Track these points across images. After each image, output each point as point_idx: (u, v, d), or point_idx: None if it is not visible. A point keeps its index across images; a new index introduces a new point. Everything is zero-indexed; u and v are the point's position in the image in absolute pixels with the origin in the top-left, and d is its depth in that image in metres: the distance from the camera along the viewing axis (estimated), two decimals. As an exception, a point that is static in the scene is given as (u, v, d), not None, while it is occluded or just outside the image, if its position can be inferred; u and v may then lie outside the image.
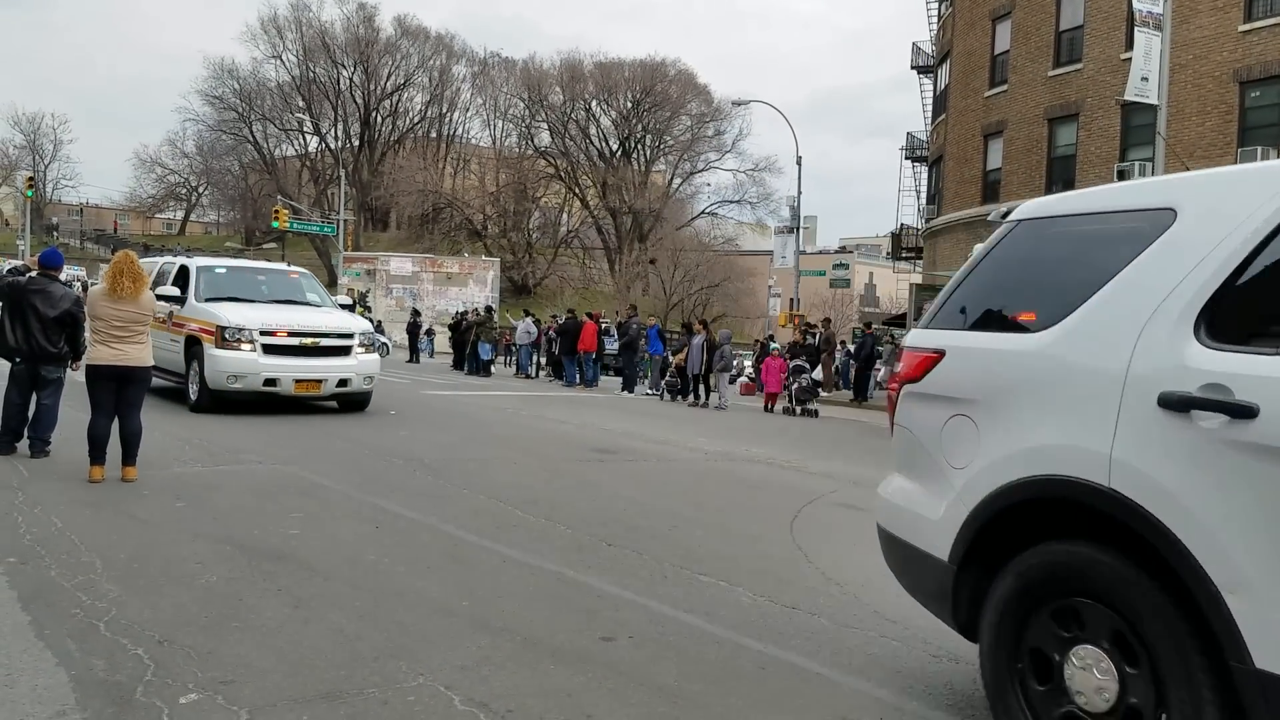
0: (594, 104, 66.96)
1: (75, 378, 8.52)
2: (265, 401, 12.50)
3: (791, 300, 34.33)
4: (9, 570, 4.92)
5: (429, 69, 70.47)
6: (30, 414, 8.42)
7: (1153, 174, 18.42)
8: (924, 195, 37.79)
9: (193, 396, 12.28)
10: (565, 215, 69.55)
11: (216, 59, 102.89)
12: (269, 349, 12.02)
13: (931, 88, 37.11)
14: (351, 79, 69.22)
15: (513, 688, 3.65)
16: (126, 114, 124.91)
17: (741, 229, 67.44)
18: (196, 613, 4.39)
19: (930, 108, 37.09)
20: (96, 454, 7.42)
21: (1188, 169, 20.50)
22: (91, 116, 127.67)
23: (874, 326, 29.43)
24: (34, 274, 8.53)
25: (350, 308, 14.35)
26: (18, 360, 8.34)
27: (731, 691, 3.73)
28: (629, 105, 66.25)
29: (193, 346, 12.32)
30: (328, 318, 13.09)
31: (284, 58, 68.42)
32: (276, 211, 46.71)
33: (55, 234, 75.89)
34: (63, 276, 8.81)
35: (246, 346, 11.89)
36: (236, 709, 3.35)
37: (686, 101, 66.45)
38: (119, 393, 7.53)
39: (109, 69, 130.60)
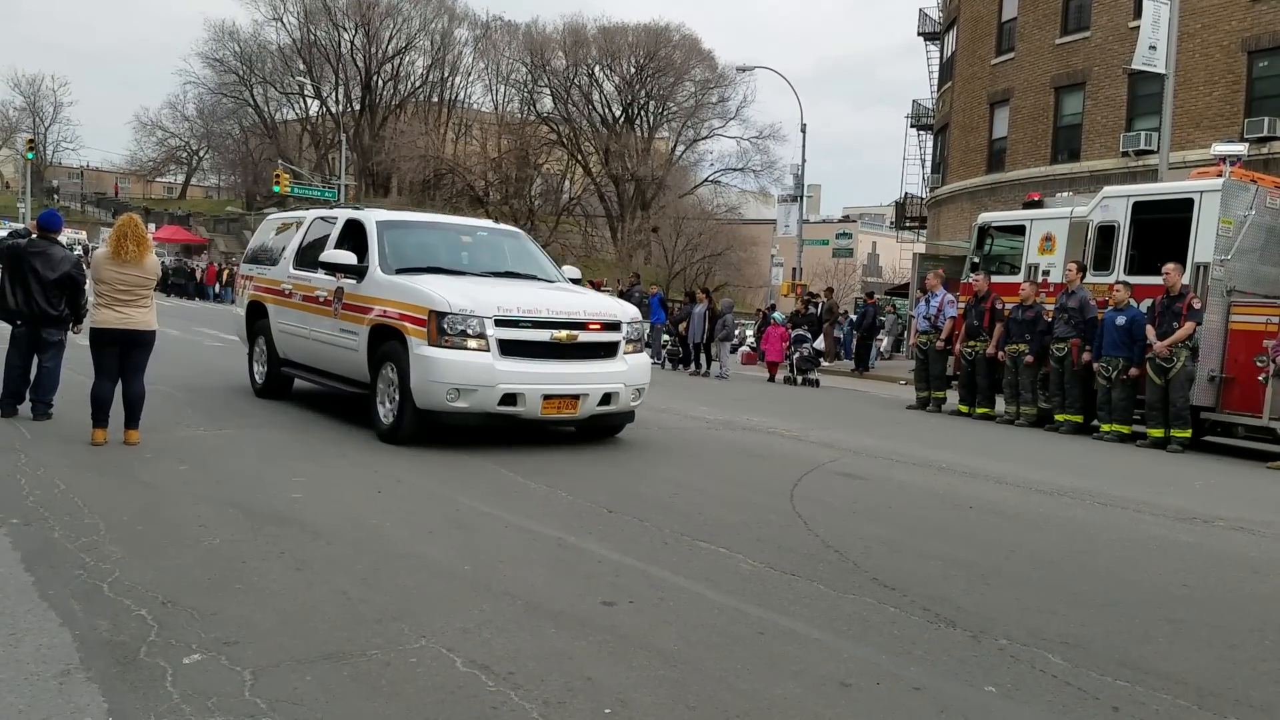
0: (597, 69, 66.36)
1: (76, 341, 8.52)
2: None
3: (794, 270, 34.24)
4: (13, 532, 4.95)
5: (430, 32, 69.78)
6: (32, 377, 8.43)
7: (1159, 144, 18.31)
8: (929, 164, 37.57)
9: (384, 418, 8.20)
10: (568, 182, 69.18)
11: (217, 21, 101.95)
12: (507, 347, 7.87)
13: (938, 55, 36.78)
14: (353, 42, 68.59)
15: (514, 650, 3.68)
16: (127, 76, 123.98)
17: (745, 197, 67.09)
18: (200, 575, 4.42)
19: (936, 75, 36.78)
20: (99, 417, 7.44)
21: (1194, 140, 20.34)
22: (92, 78, 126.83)
23: (876, 296, 29.35)
24: (34, 236, 8.51)
25: (577, 282, 9.91)
26: (18, 323, 8.33)
27: (731, 656, 3.76)
28: (632, 71, 65.69)
29: (383, 342, 8.31)
30: (580, 299, 9.02)
31: (285, 20, 67.77)
32: (277, 176, 46.46)
33: (56, 197, 75.54)
34: (62, 239, 8.79)
35: (475, 343, 7.75)
36: (240, 669, 3.38)
37: (690, 67, 65.85)
38: (122, 356, 7.53)
39: (109, 30, 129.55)
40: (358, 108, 70.18)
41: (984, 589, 4.88)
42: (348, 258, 8.74)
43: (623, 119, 66.87)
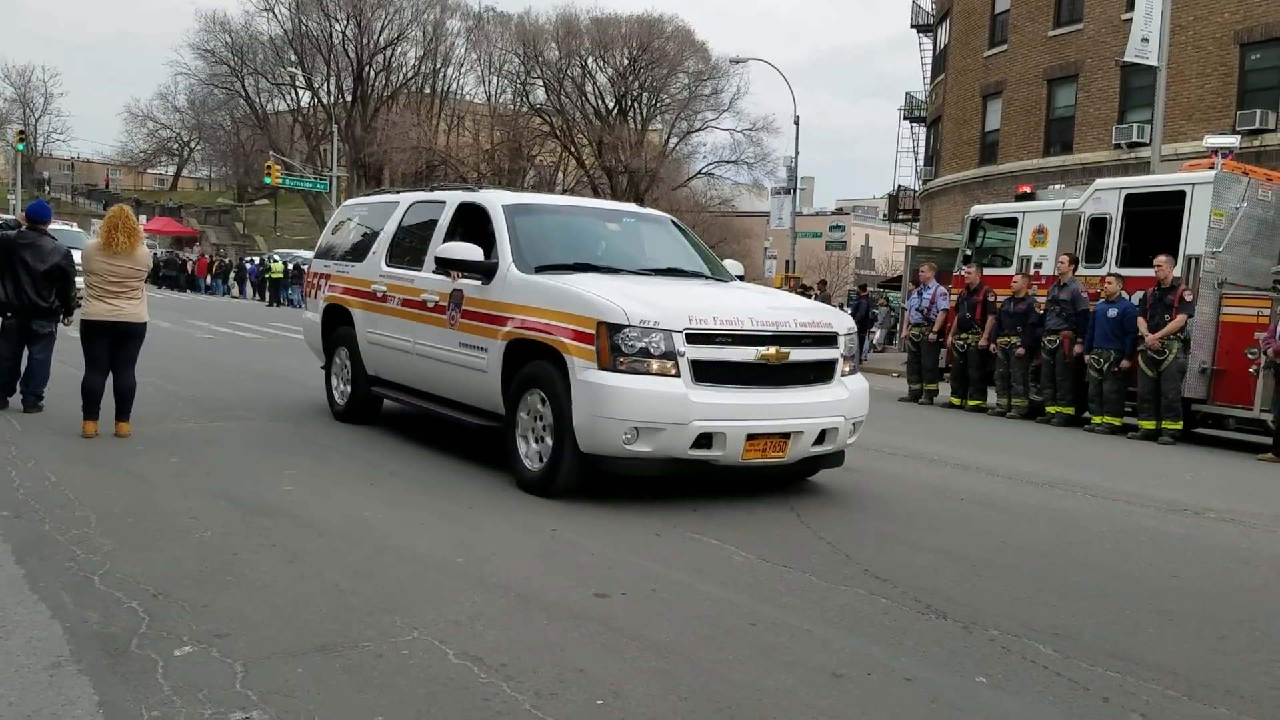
0: (590, 61, 66.18)
1: (67, 333, 8.49)
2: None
3: (787, 262, 34.24)
4: (2, 524, 4.93)
5: (422, 23, 69.48)
6: (22, 369, 8.40)
7: (1151, 136, 18.34)
8: (922, 156, 37.59)
9: (528, 462, 6.36)
10: (561, 174, 69.04)
11: (208, 11, 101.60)
12: (703, 370, 5.95)
13: (931, 47, 36.76)
14: (344, 33, 68.26)
15: (506, 642, 3.68)
16: (118, 67, 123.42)
17: (738, 190, 67.01)
18: (191, 567, 4.41)
19: (929, 67, 36.77)
20: (90, 409, 7.41)
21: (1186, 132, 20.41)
22: (82, 69, 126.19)
23: (869, 289, 29.38)
24: (23, 228, 8.47)
25: (742, 277, 8.01)
26: (8, 315, 8.30)
27: (723, 647, 3.77)
28: (625, 62, 65.52)
29: (525, 362, 6.45)
30: (789, 303, 7.32)
31: (276, 10, 67.35)
32: (269, 167, 46.30)
33: (47, 188, 75.17)
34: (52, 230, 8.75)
35: (661, 365, 5.86)
36: (231, 661, 3.38)
37: (684, 59, 65.70)
38: (113, 348, 7.51)
39: (100, 21, 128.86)
40: (349, 99, 69.91)
41: (975, 580, 4.90)
42: (472, 252, 6.79)
43: (616, 111, 66.73)
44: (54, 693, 3.10)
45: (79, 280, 7.85)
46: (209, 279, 43.52)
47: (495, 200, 7.46)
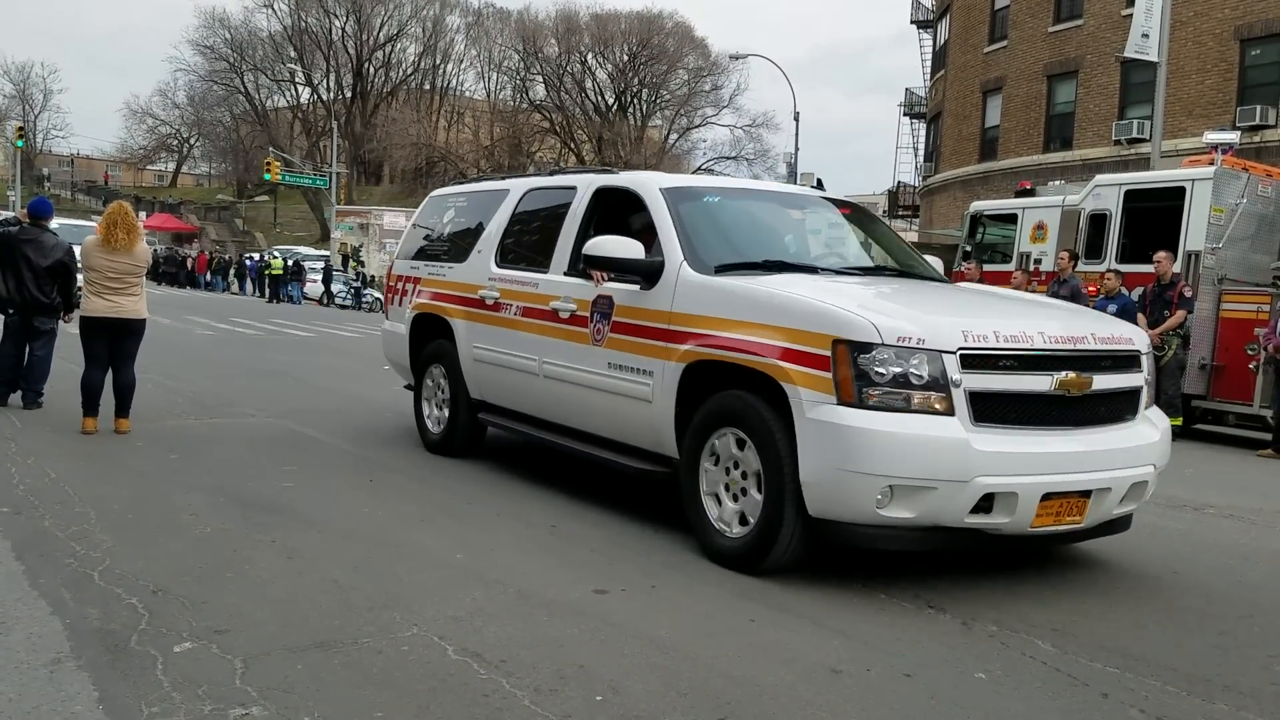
0: (590, 57, 66.16)
1: (67, 329, 8.48)
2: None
3: (787, 257, 34.18)
4: (2, 520, 4.94)
5: (422, 19, 69.46)
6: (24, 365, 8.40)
7: (1151, 132, 18.32)
8: (921, 152, 37.56)
9: (720, 524, 4.91)
10: (560, 170, 69.03)
11: (207, 8, 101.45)
12: (984, 406, 4.42)
13: (931, 43, 36.74)
14: (344, 29, 68.23)
15: (506, 638, 3.69)
16: (117, 64, 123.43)
17: (738, 186, 66.99)
18: (191, 563, 4.41)
19: (930, 63, 36.74)
20: (89, 405, 7.41)
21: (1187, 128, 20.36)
22: (82, 66, 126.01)
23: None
24: (25, 224, 8.47)
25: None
26: (10, 311, 8.30)
27: (723, 643, 3.77)
28: (625, 58, 65.49)
29: (710, 391, 5.02)
30: (1063, 312, 5.62)
31: (275, 6, 67.32)
32: (268, 163, 46.32)
33: (47, 185, 75.14)
34: (53, 225, 8.76)
35: (926, 399, 4.34)
36: (230, 657, 3.38)
37: (684, 55, 65.69)
38: (113, 345, 7.51)
39: (99, 17, 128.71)
40: (349, 95, 69.88)
41: (974, 576, 4.90)
42: (631, 249, 5.38)
43: (616, 107, 66.70)
44: (54, 689, 3.10)
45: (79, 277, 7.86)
46: (209, 275, 43.54)
47: (650, 183, 6.01)
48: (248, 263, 42.19)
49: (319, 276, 37.38)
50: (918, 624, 4.13)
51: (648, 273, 5.41)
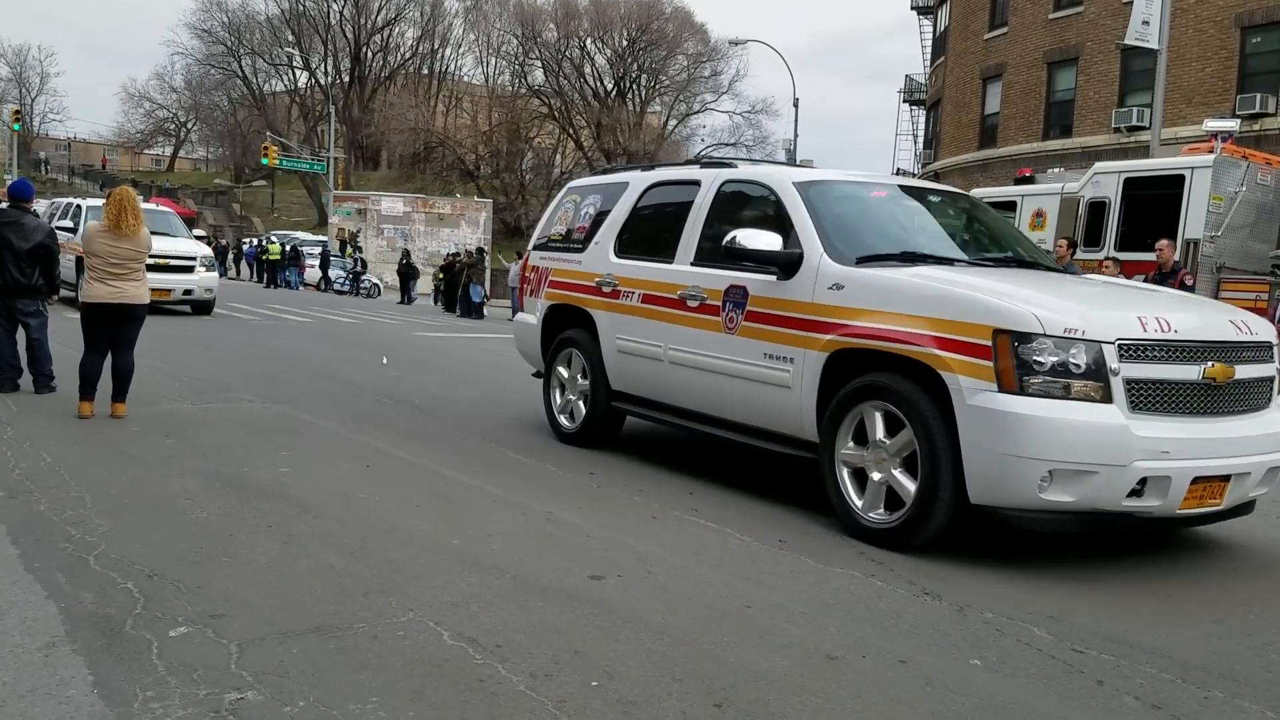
0: (589, 42, 65.90)
1: (65, 313, 8.45)
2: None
3: (785, 244, 34.14)
4: (-2, 504, 4.93)
5: (420, 3, 69.16)
6: (24, 352, 8.35)
7: (1151, 120, 18.28)
8: (921, 140, 37.47)
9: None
10: (559, 156, 68.82)
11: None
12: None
13: (931, 29, 36.62)
14: (341, 12, 67.94)
15: (501, 624, 3.68)
16: (114, 47, 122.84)
17: (736, 172, 66.86)
18: (186, 548, 4.41)
19: (930, 50, 36.63)
20: (87, 390, 7.40)
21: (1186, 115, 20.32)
22: (79, 49, 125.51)
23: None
24: (4, 206, 8.40)
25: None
26: None
27: (718, 629, 3.77)
28: (624, 44, 65.24)
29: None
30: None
31: (273, -11, 67.12)
32: (266, 148, 46.17)
33: (45, 168, 74.95)
34: (44, 210, 8.71)
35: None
36: (226, 642, 3.38)
37: (683, 41, 65.45)
38: (113, 330, 7.49)
39: (95, 1, 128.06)
40: (347, 80, 69.63)
41: (970, 563, 4.90)
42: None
43: (615, 92, 66.48)
44: (48, 673, 3.10)
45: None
46: (206, 260, 43.34)
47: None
48: (245, 248, 42.06)
49: (316, 262, 37.31)
50: (913, 610, 4.14)
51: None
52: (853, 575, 4.57)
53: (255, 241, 42.17)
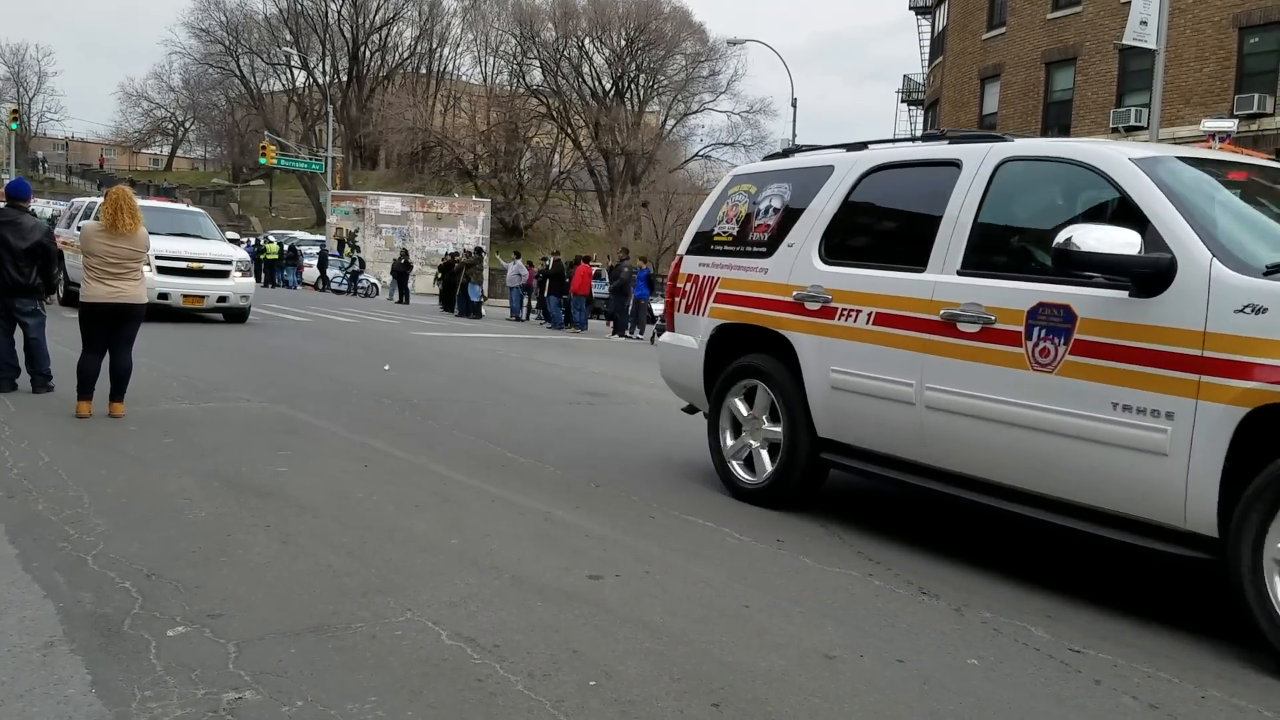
0: (587, 41, 65.92)
1: (63, 314, 8.44)
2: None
3: (783, 244, 34.14)
4: (-4, 504, 4.92)
5: (418, 2, 69.17)
6: (22, 351, 8.34)
7: (1149, 120, 18.29)
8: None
9: None
10: (557, 156, 68.85)
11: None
12: None
13: (929, 29, 36.63)
14: (340, 12, 67.96)
15: (500, 623, 3.69)
16: (112, 46, 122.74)
17: (734, 172, 66.90)
18: (184, 547, 4.40)
19: (928, 50, 36.64)
20: (85, 390, 7.39)
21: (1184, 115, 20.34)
22: (77, 48, 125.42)
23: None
24: (2, 205, 8.39)
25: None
26: None
27: (716, 628, 3.77)
28: (622, 43, 65.26)
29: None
30: None
31: (271, -11, 67.07)
32: (264, 148, 46.12)
33: (42, 168, 74.89)
34: (49, 211, 8.70)
35: None
36: (224, 641, 3.38)
37: (681, 40, 65.49)
38: (112, 329, 7.48)
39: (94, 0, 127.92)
40: (345, 79, 69.63)
41: (969, 563, 4.91)
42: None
43: (613, 92, 66.49)
44: (46, 672, 3.09)
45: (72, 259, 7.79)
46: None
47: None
48: (243, 247, 42.01)
49: (314, 261, 37.29)
50: (911, 610, 4.14)
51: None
52: (850, 575, 4.57)
53: (253, 241, 42.13)
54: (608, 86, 66.91)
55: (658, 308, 23.53)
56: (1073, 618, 4.14)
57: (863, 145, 5.93)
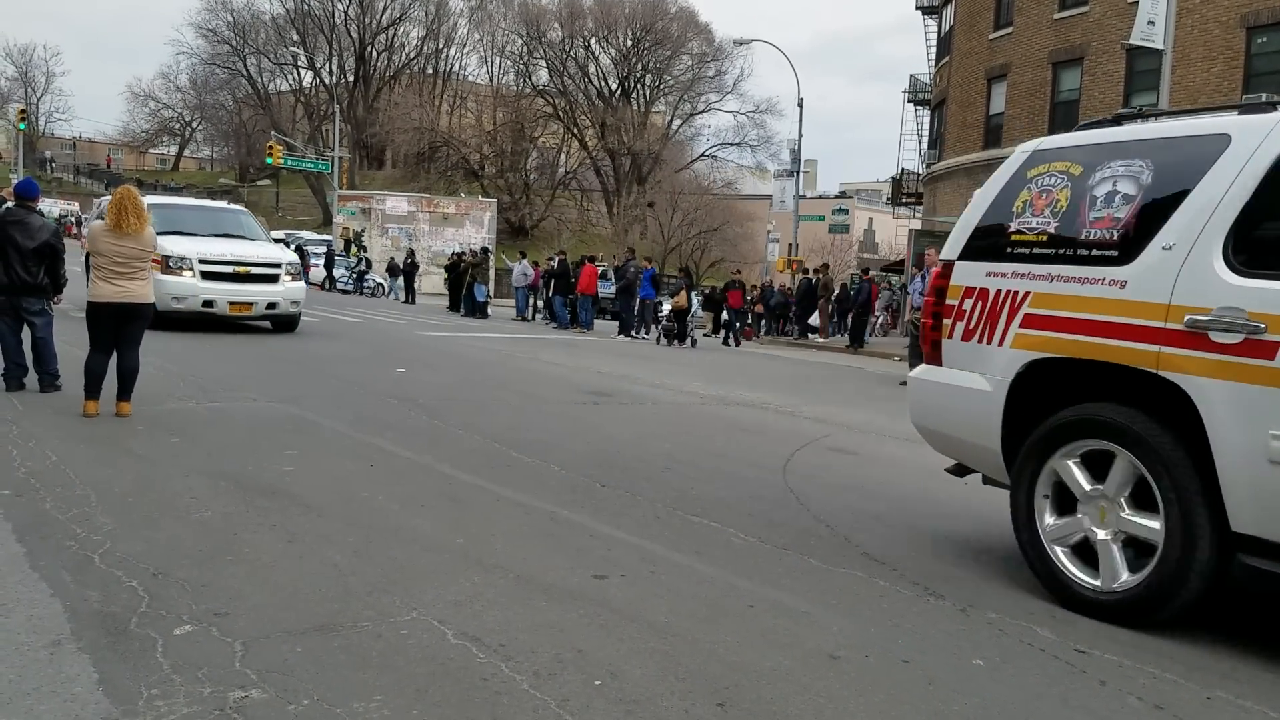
0: (593, 41, 65.98)
1: (70, 313, 8.47)
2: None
3: (790, 245, 34.16)
4: (3, 503, 4.94)
5: (425, 2, 69.27)
6: (30, 350, 8.37)
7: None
8: (926, 140, 37.44)
9: None
10: (563, 156, 68.91)
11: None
12: None
13: (936, 29, 36.56)
14: (346, 12, 68.08)
15: (505, 622, 3.69)
16: (119, 46, 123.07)
17: (741, 172, 66.90)
18: (191, 546, 4.42)
19: (934, 50, 36.58)
20: (92, 389, 7.41)
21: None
22: (84, 48, 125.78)
23: (872, 273, 29.33)
24: (10, 205, 8.42)
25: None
26: None
27: (721, 629, 3.78)
28: (629, 43, 65.30)
29: None
30: None
31: (278, -11, 67.21)
32: (271, 148, 46.20)
33: (50, 168, 75.12)
34: (57, 211, 8.73)
35: None
36: (230, 640, 3.39)
37: (687, 40, 65.51)
38: (119, 329, 7.51)
39: (101, 0, 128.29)
40: (351, 79, 69.75)
41: (974, 563, 4.90)
42: None
43: (619, 92, 66.54)
44: (54, 670, 3.11)
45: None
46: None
47: None
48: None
49: (321, 261, 37.33)
50: (916, 610, 4.14)
51: None
52: (855, 575, 4.57)
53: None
54: (614, 86, 66.96)
55: (666, 307, 23.56)
56: (1078, 618, 4.14)
57: (1272, 105, 4.19)
